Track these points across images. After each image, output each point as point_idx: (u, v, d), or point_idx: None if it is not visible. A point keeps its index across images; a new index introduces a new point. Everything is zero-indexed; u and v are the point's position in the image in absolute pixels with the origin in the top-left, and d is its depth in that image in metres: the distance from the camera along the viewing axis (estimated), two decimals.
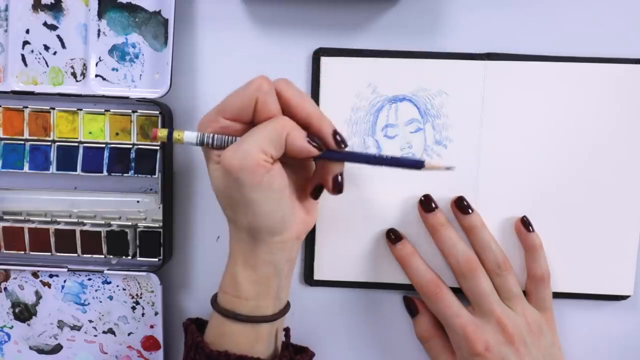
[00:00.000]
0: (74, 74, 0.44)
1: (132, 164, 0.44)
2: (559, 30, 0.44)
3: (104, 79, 0.44)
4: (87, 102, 0.45)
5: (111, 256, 0.45)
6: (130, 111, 0.44)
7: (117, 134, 0.44)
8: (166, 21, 0.43)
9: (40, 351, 0.47)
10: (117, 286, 0.46)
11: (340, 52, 0.44)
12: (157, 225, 0.45)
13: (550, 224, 0.44)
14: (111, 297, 0.46)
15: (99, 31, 0.43)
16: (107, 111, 0.44)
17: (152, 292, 0.46)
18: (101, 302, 0.46)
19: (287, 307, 0.40)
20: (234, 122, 0.35)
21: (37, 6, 0.44)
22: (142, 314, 0.46)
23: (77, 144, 0.45)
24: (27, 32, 0.44)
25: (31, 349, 0.47)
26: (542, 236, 0.43)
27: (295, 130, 0.35)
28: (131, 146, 0.44)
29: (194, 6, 0.45)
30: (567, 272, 0.44)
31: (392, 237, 0.44)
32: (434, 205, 0.43)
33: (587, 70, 0.43)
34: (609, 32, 0.44)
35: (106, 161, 0.45)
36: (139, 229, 0.45)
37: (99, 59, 0.44)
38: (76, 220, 0.46)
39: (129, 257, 0.45)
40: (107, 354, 0.47)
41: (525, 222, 0.44)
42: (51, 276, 0.46)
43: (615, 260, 0.44)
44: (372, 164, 0.38)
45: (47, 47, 0.44)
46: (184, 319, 0.41)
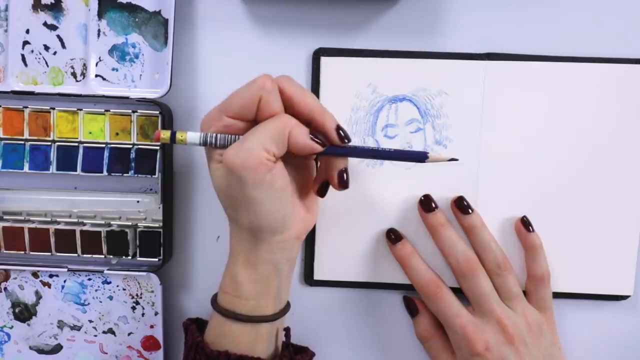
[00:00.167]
0: (74, 74, 0.44)
1: (132, 164, 0.44)
2: (559, 30, 0.44)
3: (104, 79, 0.44)
4: (87, 102, 0.45)
5: (111, 256, 0.45)
6: (130, 111, 0.44)
7: (117, 134, 0.44)
8: (166, 21, 0.43)
9: (40, 351, 0.47)
10: (117, 286, 0.46)
11: (340, 52, 0.44)
12: (157, 225, 0.45)
13: (550, 224, 0.44)
14: (111, 297, 0.46)
15: (99, 31, 0.43)
16: (107, 111, 0.44)
17: (152, 292, 0.46)
18: (101, 302, 0.46)
19: (287, 307, 0.40)
20: (236, 121, 0.35)
21: (37, 6, 0.44)
22: (142, 314, 0.46)
23: (77, 144, 0.45)
24: (27, 32, 0.44)
25: (31, 349, 0.47)
26: (542, 236, 0.43)
27: (297, 127, 0.35)
28: (131, 146, 0.44)
29: (194, 6, 0.45)
30: (567, 272, 0.44)
31: (392, 237, 0.44)
32: (434, 205, 0.43)
33: (587, 70, 0.43)
34: (609, 32, 0.44)
35: (106, 161, 0.45)
36: (139, 229, 0.45)
37: (99, 59, 0.44)
38: (76, 220, 0.46)
39: (129, 257, 0.45)
40: (107, 354, 0.47)
41: (525, 222, 0.44)
42: (51, 276, 0.46)
43: (615, 260, 0.44)
44: (376, 157, 0.38)
45: (47, 47, 0.44)
46: (184, 319, 0.41)
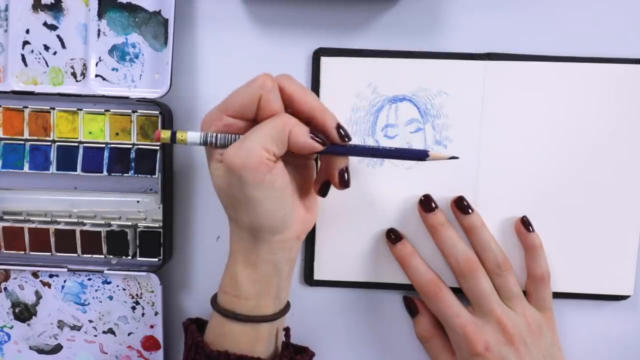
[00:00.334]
0: (74, 74, 0.44)
1: (132, 164, 0.44)
2: (559, 30, 0.44)
3: (104, 79, 0.44)
4: (87, 102, 0.45)
5: (111, 256, 0.45)
6: (130, 111, 0.44)
7: (117, 134, 0.44)
8: (166, 21, 0.43)
9: (40, 351, 0.47)
10: (117, 286, 0.46)
11: (340, 52, 0.44)
12: (157, 225, 0.45)
13: (550, 224, 0.44)
14: (111, 297, 0.46)
15: (99, 31, 0.43)
16: (107, 111, 0.44)
17: (152, 292, 0.46)
18: (101, 302, 0.46)
19: (287, 307, 0.40)
20: (237, 120, 0.35)
21: (37, 6, 0.44)
22: (142, 314, 0.46)
23: (77, 144, 0.45)
24: (27, 32, 0.44)
25: (31, 349, 0.47)
26: (542, 236, 0.43)
27: (297, 126, 0.35)
28: (131, 146, 0.44)
29: (194, 6, 0.45)
30: (567, 272, 0.44)
31: (392, 237, 0.44)
32: (434, 205, 0.43)
33: (587, 70, 0.43)
34: (609, 32, 0.44)
35: (106, 161, 0.45)
36: (139, 229, 0.45)
37: (99, 59, 0.44)
38: (76, 220, 0.46)
39: (129, 257, 0.45)
40: (107, 354, 0.47)
41: (525, 222, 0.44)
42: (51, 276, 0.46)
43: (615, 260, 0.44)
44: (376, 156, 0.37)
45: (47, 47, 0.44)
46: (184, 319, 0.41)
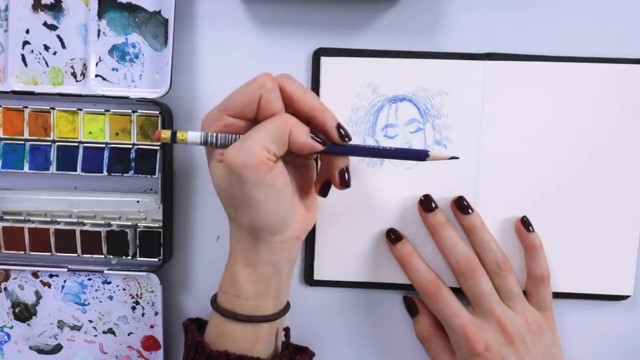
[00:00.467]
0: (74, 74, 0.44)
1: (132, 164, 0.44)
2: (559, 30, 0.44)
3: (104, 79, 0.44)
4: (87, 102, 0.45)
5: (111, 256, 0.45)
6: (130, 111, 0.44)
7: (117, 134, 0.44)
8: (166, 21, 0.43)
9: (40, 351, 0.47)
10: (117, 286, 0.46)
11: (340, 52, 0.44)
12: (157, 225, 0.45)
13: (550, 224, 0.44)
14: (111, 297, 0.46)
15: (99, 31, 0.43)
16: (107, 111, 0.44)
17: (152, 292, 0.46)
18: (101, 302, 0.46)
19: (287, 307, 0.40)
20: (237, 120, 0.35)
21: (37, 6, 0.44)
22: (142, 314, 0.46)
23: (77, 144, 0.45)
24: (27, 32, 0.44)
25: (31, 349, 0.47)
26: (542, 236, 0.43)
27: (298, 126, 0.35)
28: (131, 146, 0.44)
29: (194, 6, 0.45)
30: (567, 272, 0.44)
31: (392, 237, 0.44)
32: (434, 205, 0.43)
33: (587, 70, 0.43)
34: (609, 32, 0.44)
35: (106, 161, 0.45)
36: (139, 229, 0.45)
37: (99, 59, 0.44)
38: (76, 220, 0.46)
39: (129, 257, 0.45)
40: (107, 354, 0.47)
41: (525, 222, 0.44)
42: (51, 276, 0.46)
43: (615, 260, 0.44)
44: (376, 156, 0.37)
45: (47, 47, 0.44)
46: (184, 319, 0.41)
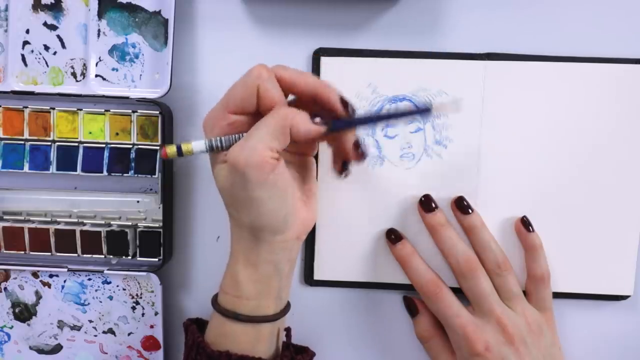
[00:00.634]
0: (74, 74, 0.44)
1: (132, 164, 0.44)
2: (559, 30, 0.44)
3: (104, 79, 0.44)
4: (87, 102, 0.45)
5: (111, 256, 0.45)
6: (130, 111, 0.44)
7: (117, 134, 0.44)
8: (166, 21, 0.43)
9: (40, 351, 0.47)
10: (117, 286, 0.46)
11: (340, 52, 0.44)
12: (157, 225, 0.45)
13: (550, 224, 0.44)
14: (111, 297, 0.46)
15: (99, 31, 0.43)
16: (107, 111, 0.44)
17: (152, 292, 0.46)
18: (101, 302, 0.46)
19: (287, 307, 0.40)
20: (239, 116, 0.35)
21: (37, 6, 0.44)
22: (142, 314, 0.46)
23: (77, 144, 0.45)
24: (27, 32, 0.44)
25: (31, 349, 0.47)
26: (542, 236, 0.43)
27: (297, 116, 0.34)
28: (131, 146, 0.44)
29: (194, 6, 0.45)
30: (567, 272, 0.44)
31: (392, 237, 0.44)
32: (434, 205, 0.43)
33: (587, 70, 0.43)
34: (609, 32, 0.44)
35: (106, 161, 0.45)
36: (139, 229, 0.45)
37: (99, 59, 0.44)
38: (76, 220, 0.46)
39: (129, 257, 0.45)
40: (107, 354, 0.47)
41: (525, 222, 0.44)
42: (51, 276, 0.46)
43: (615, 260, 0.44)
44: (381, 121, 0.37)
45: (47, 47, 0.44)
46: (184, 319, 0.41)
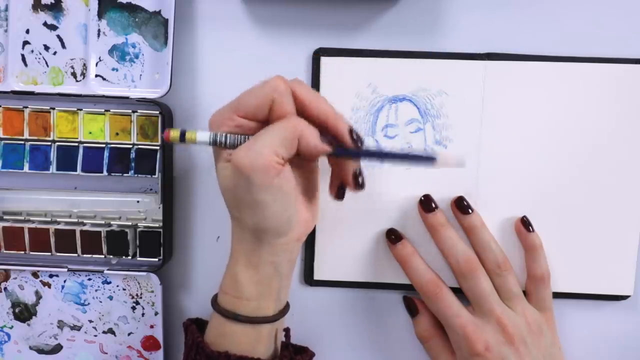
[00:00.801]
0: (74, 74, 0.44)
1: (132, 164, 0.44)
2: (559, 30, 0.44)
3: (104, 79, 0.44)
4: (87, 102, 0.45)
5: (111, 256, 0.45)
6: (130, 111, 0.44)
7: (117, 134, 0.44)
8: (166, 21, 0.43)
9: (40, 351, 0.47)
10: (117, 286, 0.46)
11: (340, 52, 0.44)
12: (157, 225, 0.45)
13: (550, 224, 0.44)
14: (111, 297, 0.46)
15: (99, 31, 0.43)
16: (107, 111, 0.44)
17: (152, 292, 0.46)
18: (101, 302, 0.46)
19: (287, 308, 0.40)
20: (248, 121, 0.35)
21: (37, 6, 0.44)
22: (142, 314, 0.46)
23: (77, 144, 0.45)
24: (27, 32, 0.44)
25: (31, 349, 0.47)
26: (542, 236, 0.43)
27: (308, 130, 0.34)
28: (131, 146, 0.44)
29: (194, 6, 0.45)
30: (567, 272, 0.44)
31: (392, 237, 0.44)
32: (434, 205, 0.43)
33: (587, 70, 0.43)
34: (609, 32, 0.44)
35: (106, 161, 0.45)
36: (139, 229, 0.45)
37: (99, 59, 0.44)
38: (76, 220, 0.46)
39: (129, 257, 0.45)
40: (107, 354, 0.47)
41: (525, 222, 0.44)
42: (51, 276, 0.46)
43: (615, 260, 0.44)
44: (384, 159, 0.37)
45: (47, 47, 0.44)
46: (184, 319, 0.41)
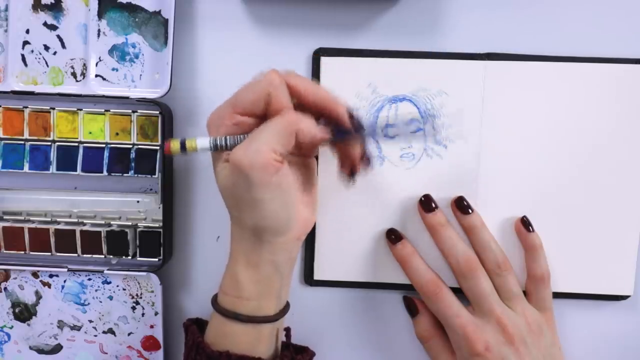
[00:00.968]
0: (74, 74, 0.44)
1: (132, 164, 0.44)
2: (559, 30, 0.44)
3: (104, 79, 0.44)
4: (87, 102, 0.45)
5: (111, 256, 0.45)
6: (130, 111, 0.44)
7: (117, 134, 0.44)
8: (166, 21, 0.43)
9: (40, 351, 0.47)
10: (117, 286, 0.46)
11: (340, 52, 0.44)
12: (157, 225, 0.45)
13: (550, 224, 0.44)
14: (111, 297, 0.46)
15: (99, 31, 0.43)
16: (107, 111, 0.44)
17: (152, 292, 0.46)
18: (101, 302, 0.46)
19: (287, 307, 0.40)
20: (246, 117, 0.35)
21: (37, 6, 0.44)
22: (142, 314, 0.46)
23: (77, 144, 0.45)
24: (27, 32, 0.44)
25: (31, 349, 0.47)
26: (542, 236, 0.43)
27: (303, 121, 0.34)
28: (131, 146, 0.44)
29: (194, 6, 0.45)
30: (567, 272, 0.44)
31: (392, 237, 0.44)
32: (434, 205, 0.43)
33: (587, 70, 0.43)
34: (609, 32, 0.44)
35: (106, 161, 0.45)
36: (139, 229, 0.45)
37: (99, 59, 0.44)
38: (76, 220, 0.46)
39: (129, 257, 0.45)
40: (107, 354, 0.47)
41: (525, 222, 0.44)
42: (51, 276, 0.46)
43: (615, 260, 0.44)
44: (386, 138, 0.37)
45: (47, 47, 0.44)
46: (184, 319, 0.41)
